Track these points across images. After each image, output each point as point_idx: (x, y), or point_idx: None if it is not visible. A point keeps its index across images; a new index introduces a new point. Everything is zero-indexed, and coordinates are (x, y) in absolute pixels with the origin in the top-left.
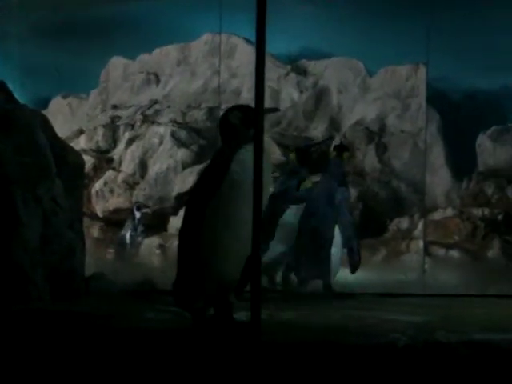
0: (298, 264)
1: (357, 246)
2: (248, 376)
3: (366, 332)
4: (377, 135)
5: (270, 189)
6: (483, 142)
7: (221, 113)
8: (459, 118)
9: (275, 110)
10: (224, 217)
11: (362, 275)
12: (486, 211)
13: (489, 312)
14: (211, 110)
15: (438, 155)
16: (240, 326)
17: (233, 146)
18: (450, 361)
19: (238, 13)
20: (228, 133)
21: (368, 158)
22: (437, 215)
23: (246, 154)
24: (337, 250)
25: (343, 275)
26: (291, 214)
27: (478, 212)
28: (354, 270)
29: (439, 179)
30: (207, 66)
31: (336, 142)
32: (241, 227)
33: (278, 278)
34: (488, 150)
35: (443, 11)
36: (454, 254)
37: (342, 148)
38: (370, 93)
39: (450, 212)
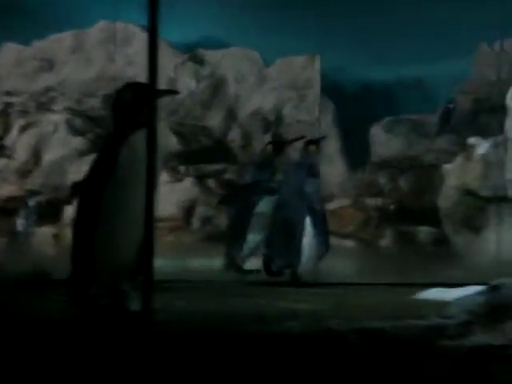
0: (272, 254)
1: (326, 236)
2: (139, 365)
3: (261, 320)
4: (273, 125)
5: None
6: (377, 132)
7: None
8: (354, 109)
9: (172, 92)
10: (118, 204)
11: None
12: (379, 201)
13: (381, 300)
14: (107, 98)
15: (332, 145)
16: (132, 315)
17: (124, 129)
18: (341, 348)
19: (134, 1)
20: (120, 111)
21: None
22: (332, 205)
23: (137, 139)
24: (308, 240)
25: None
26: (266, 204)
27: (371, 202)
28: (321, 259)
29: (334, 169)
30: (103, 53)
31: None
32: (136, 213)
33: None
34: (381, 140)
35: (335, 3)
36: (349, 243)
37: (308, 141)
38: (267, 83)
39: (344, 202)
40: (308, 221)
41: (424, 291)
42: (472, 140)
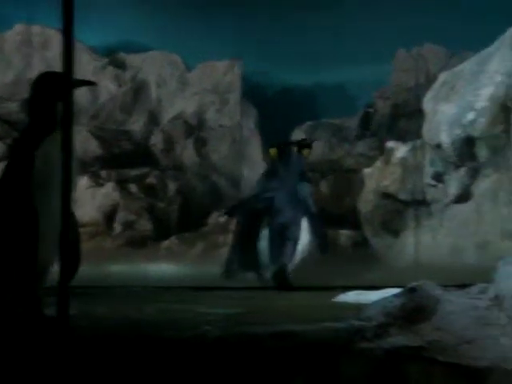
0: (267, 260)
1: (325, 238)
2: (56, 371)
3: (178, 325)
4: (196, 129)
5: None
6: (298, 136)
7: None
8: (276, 113)
9: (89, 83)
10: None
11: (179, 269)
12: None
13: (300, 303)
14: (25, 102)
15: (255, 149)
16: (48, 321)
17: (39, 129)
18: (256, 352)
19: (52, 4)
20: (35, 105)
21: (187, 152)
22: None
23: (50, 147)
24: (306, 243)
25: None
26: None
27: None
28: (325, 253)
29: (256, 173)
30: (20, 57)
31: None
32: (53, 217)
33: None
34: None
35: (257, 8)
36: None
37: (302, 145)
38: (189, 87)
39: None
40: (305, 224)
41: (344, 294)
42: (391, 144)
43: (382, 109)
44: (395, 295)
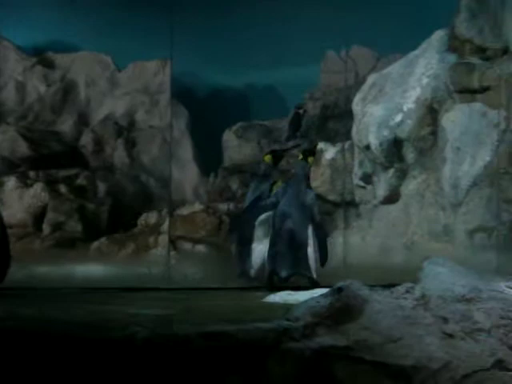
0: (278, 265)
1: (326, 245)
2: None
3: (106, 326)
4: (126, 130)
5: None
6: (229, 137)
7: None
8: (206, 114)
9: None
10: None
11: (109, 270)
12: (231, 206)
13: (230, 304)
14: None
15: (186, 150)
16: None
17: None
18: (186, 352)
19: None
20: None
21: (117, 153)
22: (185, 210)
23: None
24: (311, 249)
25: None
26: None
27: (223, 207)
28: (323, 265)
29: (187, 175)
30: None
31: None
32: None
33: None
34: (233, 145)
35: (187, 9)
36: (201, 248)
37: (308, 152)
38: (119, 88)
39: (197, 207)
40: (310, 231)
41: (273, 294)
42: (320, 145)
43: (311, 110)
44: (323, 295)
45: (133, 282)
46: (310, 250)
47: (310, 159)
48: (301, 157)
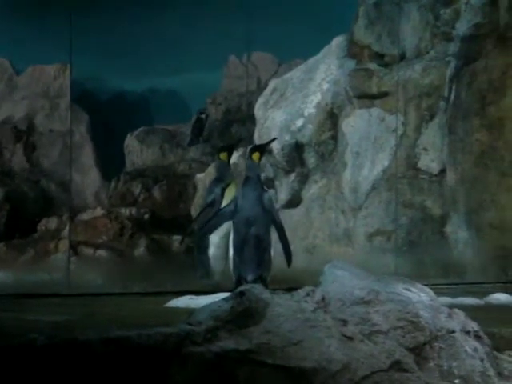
0: (244, 270)
1: (288, 246)
2: None
3: (2, 333)
4: (25, 134)
5: None
6: (131, 142)
7: None
8: (108, 119)
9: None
10: None
11: (7, 276)
12: (134, 211)
13: (132, 309)
14: None
15: (87, 155)
16: None
17: None
18: (86, 358)
19: None
20: None
21: (16, 158)
22: (86, 215)
23: None
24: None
25: None
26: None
27: (125, 211)
28: (289, 265)
29: (89, 179)
30: None
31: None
32: None
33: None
34: (135, 150)
35: (88, 12)
36: (102, 253)
37: (255, 148)
38: (18, 91)
39: (98, 212)
40: (272, 233)
41: (175, 299)
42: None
43: (214, 114)
44: (224, 299)
45: (32, 289)
46: (273, 253)
47: (255, 155)
48: (249, 154)
